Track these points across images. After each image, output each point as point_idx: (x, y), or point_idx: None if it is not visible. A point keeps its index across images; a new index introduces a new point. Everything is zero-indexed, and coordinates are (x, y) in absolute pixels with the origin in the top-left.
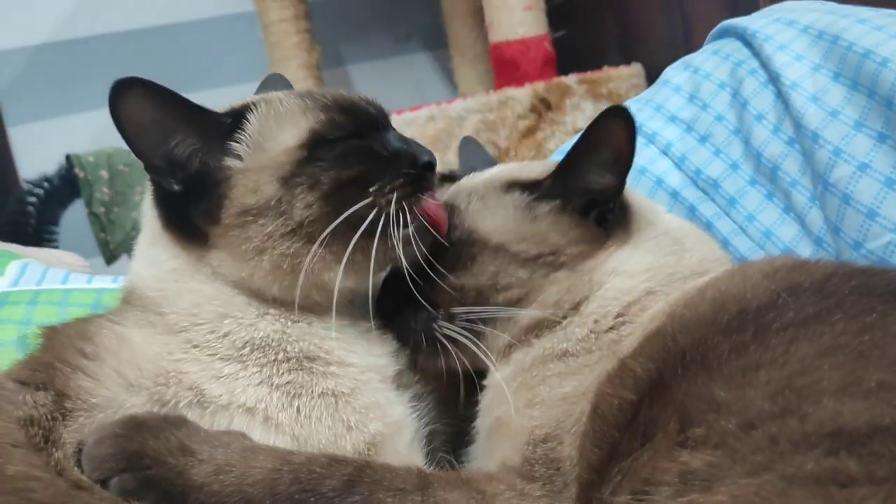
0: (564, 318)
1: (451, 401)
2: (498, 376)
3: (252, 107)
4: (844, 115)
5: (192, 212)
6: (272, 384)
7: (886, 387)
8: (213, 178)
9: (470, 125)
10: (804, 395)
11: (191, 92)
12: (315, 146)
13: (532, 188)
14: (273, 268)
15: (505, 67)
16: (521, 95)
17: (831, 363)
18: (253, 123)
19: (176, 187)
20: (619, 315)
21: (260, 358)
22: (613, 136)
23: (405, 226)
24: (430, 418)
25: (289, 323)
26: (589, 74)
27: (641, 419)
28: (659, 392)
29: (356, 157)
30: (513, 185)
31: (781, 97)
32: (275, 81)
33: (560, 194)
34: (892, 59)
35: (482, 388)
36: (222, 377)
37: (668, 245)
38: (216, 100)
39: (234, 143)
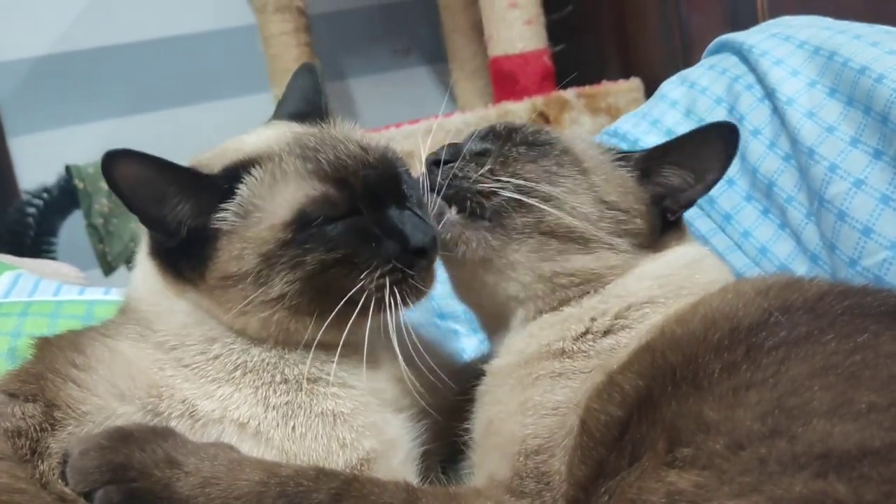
0: (567, 301)
1: (448, 422)
2: (498, 364)
3: (250, 166)
4: (840, 131)
5: (183, 264)
6: (268, 404)
7: (877, 409)
8: (202, 239)
9: None
10: (794, 415)
11: (191, 104)
12: (301, 227)
13: (623, 157)
14: (259, 327)
15: (504, 81)
16: (520, 109)
17: (822, 384)
18: (247, 187)
19: (170, 244)
20: (617, 317)
21: (255, 380)
22: (715, 145)
23: (398, 306)
24: (425, 438)
25: (286, 350)
26: (588, 89)
27: (629, 438)
28: (648, 410)
29: (343, 240)
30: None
31: (778, 113)
32: (303, 74)
33: (644, 170)
34: (888, 75)
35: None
36: (215, 397)
37: (684, 260)
38: (216, 112)
39: (224, 207)
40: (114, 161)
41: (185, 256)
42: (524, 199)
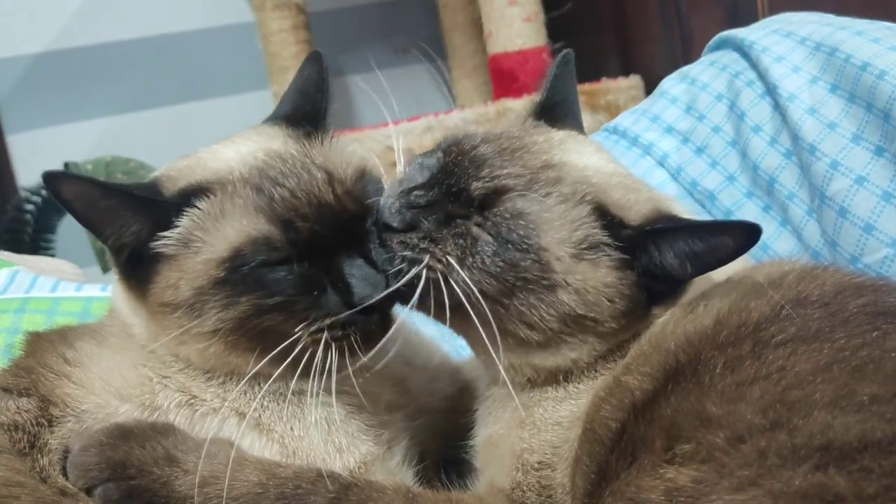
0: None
1: (445, 421)
2: (508, 384)
3: (201, 193)
4: (842, 127)
5: (133, 284)
6: (263, 406)
7: (879, 400)
8: (144, 262)
9: None
10: (796, 408)
11: (190, 101)
12: (235, 268)
13: (614, 228)
14: (199, 358)
15: (503, 79)
16: (520, 107)
17: (825, 377)
18: (193, 216)
19: (122, 259)
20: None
21: (243, 390)
22: (727, 243)
23: (332, 368)
24: (422, 438)
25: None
26: (587, 86)
27: (628, 437)
28: (647, 409)
29: (281, 287)
30: (600, 210)
31: (779, 109)
32: (310, 64)
33: (633, 253)
34: (890, 72)
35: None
36: (212, 387)
37: (701, 288)
38: (215, 110)
39: (169, 232)
40: (55, 182)
41: (133, 277)
42: (476, 309)
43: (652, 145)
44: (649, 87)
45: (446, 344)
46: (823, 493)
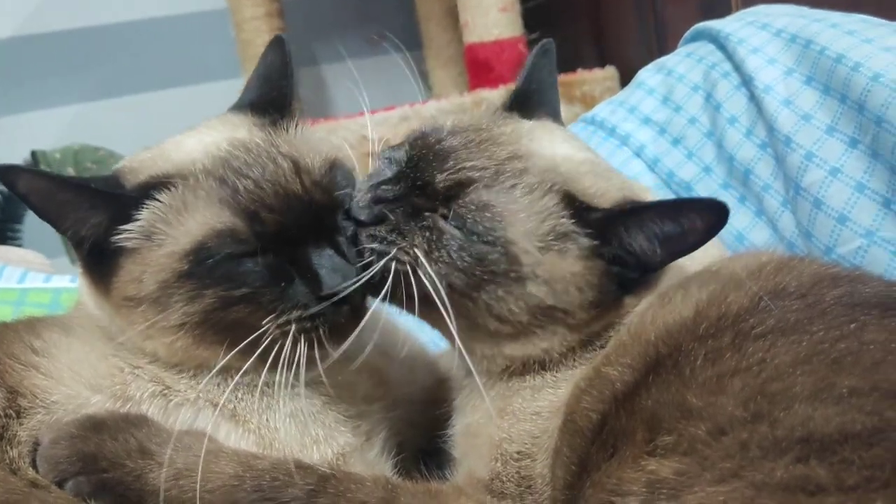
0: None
1: (423, 412)
2: (477, 379)
3: (163, 186)
4: (816, 119)
5: (95, 277)
6: (238, 397)
7: (858, 393)
8: (107, 255)
9: None
10: (776, 400)
11: (161, 89)
12: (199, 261)
13: (582, 214)
14: (166, 352)
15: (479, 69)
16: (495, 97)
17: (805, 370)
18: (154, 208)
19: (84, 251)
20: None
21: (217, 381)
22: (696, 224)
23: (300, 362)
24: (399, 429)
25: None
26: (563, 77)
27: (609, 429)
28: (627, 401)
29: (248, 279)
30: (568, 199)
31: (755, 100)
32: (273, 50)
33: (602, 239)
34: (864, 64)
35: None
36: (185, 378)
37: (676, 278)
38: (187, 97)
39: (130, 226)
40: (9, 176)
41: (96, 270)
42: (442, 301)
43: (629, 136)
44: (625, 79)
45: (424, 334)
46: (805, 484)
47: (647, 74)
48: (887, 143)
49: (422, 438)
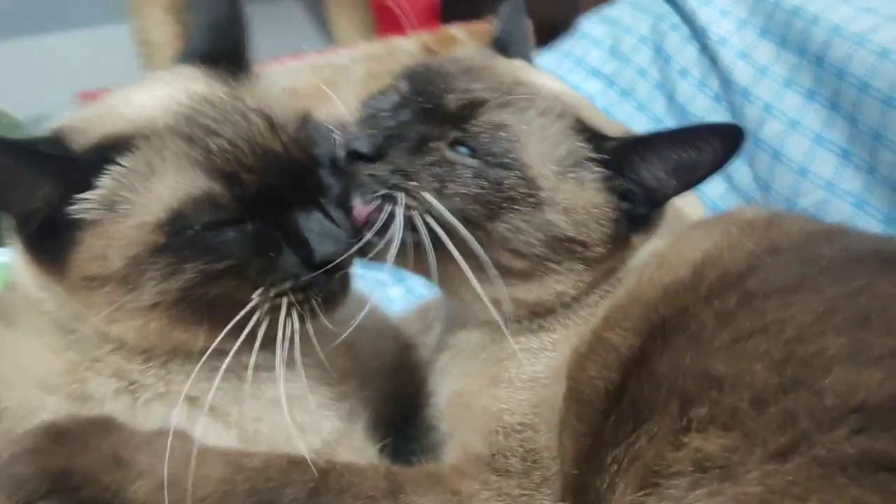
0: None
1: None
2: (465, 340)
3: (122, 147)
4: (773, 71)
5: (44, 257)
6: (214, 387)
7: None
8: (61, 230)
9: (355, 75)
10: (812, 364)
11: (45, 33)
12: (176, 232)
13: (596, 142)
14: (136, 337)
15: (385, 14)
16: (408, 45)
17: (832, 328)
18: (115, 174)
19: (27, 232)
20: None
21: (188, 370)
22: (714, 147)
23: (293, 336)
24: (374, 405)
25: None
26: (476, 25)
27: (629, 399)
28: (642, 368)
29: (232, 249)
30: (580, 126)
31: (707, 52)
32: None
33: (615, 167)
34: (823, 17)
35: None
36: (153, 369)
37: (674, 223)
38: (70, 42)
39: (88, 195)
40: None
41: (46, 248)
42: (458, 235)
43: (577, 88)
44: (538, 29)
45: (379, 301)
46: (879, 458)
47: (591, 25)
48: (848, 96)
49: (396, 413)
